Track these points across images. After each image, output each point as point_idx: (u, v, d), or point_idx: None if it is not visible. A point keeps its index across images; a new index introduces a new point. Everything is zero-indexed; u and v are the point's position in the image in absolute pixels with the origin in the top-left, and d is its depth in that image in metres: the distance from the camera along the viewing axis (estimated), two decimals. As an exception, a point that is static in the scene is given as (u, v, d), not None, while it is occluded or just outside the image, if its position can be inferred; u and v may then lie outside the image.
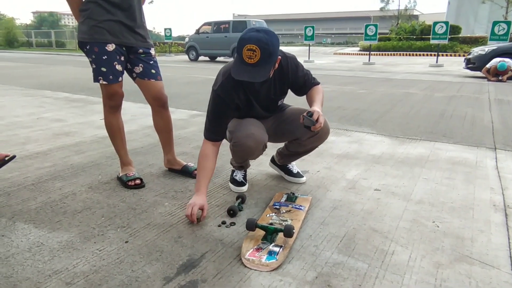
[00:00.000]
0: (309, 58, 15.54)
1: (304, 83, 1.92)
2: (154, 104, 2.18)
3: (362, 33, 14.97)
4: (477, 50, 9.22)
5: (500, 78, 8.03)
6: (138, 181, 2.11)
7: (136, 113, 4.24)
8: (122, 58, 2.00)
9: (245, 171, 2.13)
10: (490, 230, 1.65)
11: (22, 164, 2.50)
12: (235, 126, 1.90)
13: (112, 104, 2.07)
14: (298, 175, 2.22)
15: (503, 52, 8.41)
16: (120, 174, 2.18)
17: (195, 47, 15.66)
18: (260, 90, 1.84)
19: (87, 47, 1.94)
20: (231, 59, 14.60)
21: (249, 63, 1.56)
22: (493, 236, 1.60)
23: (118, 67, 1.98)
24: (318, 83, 1.96)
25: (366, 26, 14.61)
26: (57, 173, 2.32)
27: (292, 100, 2.22)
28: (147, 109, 2.27)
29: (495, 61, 8.08)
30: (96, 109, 4.47)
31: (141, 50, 2.06)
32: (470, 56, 9.27)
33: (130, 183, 2.09)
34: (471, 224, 1.70)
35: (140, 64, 2.07)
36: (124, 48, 1.99)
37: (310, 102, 1.87)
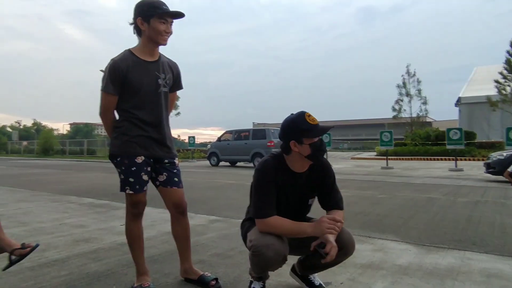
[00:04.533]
0: (327, 163, 15.79)
1: (330, 192, 2.00)
2: (174, 210, 2.23)
3: (378, 139, 15.45)
4: (496, 155, 9.25)
5: (524, 182, 7.87)
6: (152, 293, 2.03)
7: (156, 218, 4.27)
8: (149, 169, 2.13)
9: (264, 282, 2.03)
10: None
11: (39, 272, 2.47)
12: (256, 234, 1.89)
13: (135, 212, 2.13)
14: (320, 287, 2.10)
15: (523, 156, 8.39)
16: (135, 285, 2.12)
17: (217, 153, 16.40)
18: (295, 182, 1.92)
19: (118, 159, 2.09)
20: (250, 164, 15.17)
21: (316, 124, 1.84)
22: None
23: (145, 177, 2.10)
24: (342, 208, 2.01)
25: (381, 133, 15.15)
26: (72, 283, 2.28)
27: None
28: (167, 214, 2.31)
29: None
30: (118, 214, 4.53)
31: (166, 160, 2.20)
32: (489, 161, 9.27)
33: (144, 294, 2.01)
34: None
35: (165, 173, 2.18)
36: (151, 160, 2.14)
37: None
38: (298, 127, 1.84)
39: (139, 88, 2.08)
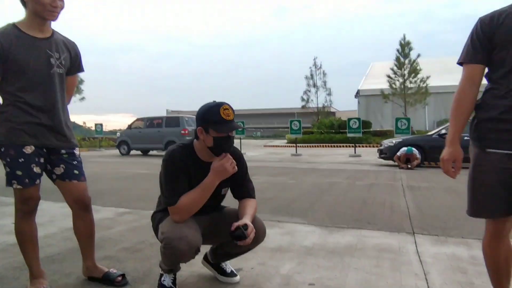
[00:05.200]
0: (241, 151, 16.10)
1: (242, 182, 2.03)
2: (75, 207, 2.04)
3: (288, 127, 16.24)
4: (387, 142, 10.45)
5: (409, 166, 9.04)
6: (50, 296, 1.84)
7: (56, 214, 3.88)
8: (42, 160, 1.90)
9: (175, 275, 1.99)
10: (419, 318, 1.69)
11: None
12: (167, 226, 1.83)
13: (26, 210, 1.89)
14: (231, 274, 2.14)
15: (408, 144, 9.62)
16: (29, 289, 1.90)
17: (127, 142, 15.50)
18: (205, 172, 1.88)
19: (2, 150, 1.82)
20: (163, 153, 14.56)
21: (229, 120, 1.80)
22: (422, 324, 1.64)
23: (36, 170, 1.87)
24: (254, 197, 2.06)
25: (291, 121, 15.95)
26: None
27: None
28: (69, 208, 2.10)
29: (403, 149, 9.19)
30: (8, 211, 4.00)
31: (63, 151, 1.98)
32: (381, 148, 10.45)
33: (39, 299, 1.82)
34: (402, 314, 1.73)
35: (62, 165, 1.97)
36: (44, 150, 1.91)
37: (243, 212, 1.92)
38: (209, 116, 1.81)
39: (25, 67, 1.82)
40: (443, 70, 27.05)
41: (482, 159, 1.51)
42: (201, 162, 1.92)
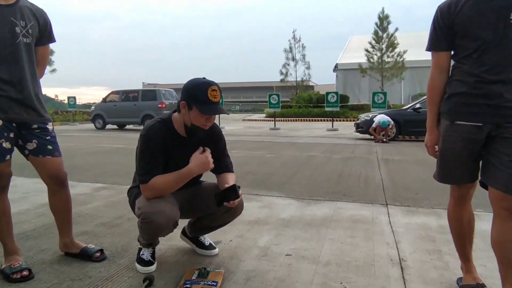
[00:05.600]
0: (219, 125, 16.00)
1: (221, 157, 2.02)
2: (51, 183, 1.99)
3: (267, 101, 16.19)
4: (363, 116, 10.62)
5: (384, 140, 9.27)
6: (25, 273, 1.82)
7: (29, 190, 3.79)
8: (12, 135, 1.83)
9: (154, 248, 2.00)
10: (390, 285, 1.78)
11: None
12: (144, 200, 1.82)
13: (-4, 186, 1.83)
14: (210, 247, 2.17)
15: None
16: (3, 266, 1.87)
17: (102, 115, 15.09)
18: (184, 147, 1.87)
19: None
20: (140, 127, 14.38)
21: (214, 102, 1.76)
22: (392, 290, 1.73)
23: (6, 145, 1.80)
24: (233, 172, 2.06)
25: (270, 95, 15.90)
26: None
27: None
28: (43, 184, 2.05)
29: (378, 120, 9.38)
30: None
31: (35, 125, 1.91)
32: (358, 122, 10.61)
33: (14, 276, 1.80)
34: (374, 281, 1.82)
35: (34, 140, 1.90)
36: (14, 124, 1.83)
37: (225, 183, 1.92)
38: (196, 93, 1.76)
39: None
40: (419, 45, 27.10)
41: (452, 130, 1.59)
42: (179, 137, 1.89)
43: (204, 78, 1.82)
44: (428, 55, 1.68)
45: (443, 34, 1.59)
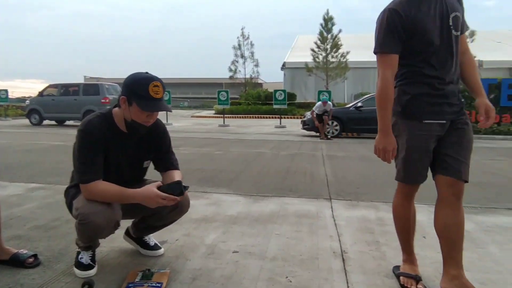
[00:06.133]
0: (167, 121, 15.62)
1: (166, 154, 1.97)
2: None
3: (216, 98, 16.07)
4: (309, 114, 10.95)
5: (329, 137, 9.64)
6: None
7: None
8: None
9: (94, 251, 1.90)
10: (333, 277, 1.86)
11: None
12: (82, 200, 1.72)
13: None
14: (155, 247, 2.11)
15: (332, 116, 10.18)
16: None
17: (39, 110, 13.99)
18: (125, 143, 1.80)
19: None
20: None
21: (156, 98, 1.69)
22: (335, 282, 1.81)
23: None
24: (179, 169, 2.00)
25: (219, 92, 15.79)
26: None
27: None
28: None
29: (319, 103, 9.88)
30: None
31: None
32: (304, 119, 10.94)
33: None
34: (318, 274, 1.89)
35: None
36: None
37: (171, 180, 1.87)
38: (136, 88, 1.69)
39: None
40: (361, 46, 28.65)
41: (422, 129, 1.63)
42: (120, 132, 1.81)
43: (146, 72, 1.75)
44: (369, 57, 1.73)
45: (399, 36, 1.61)
